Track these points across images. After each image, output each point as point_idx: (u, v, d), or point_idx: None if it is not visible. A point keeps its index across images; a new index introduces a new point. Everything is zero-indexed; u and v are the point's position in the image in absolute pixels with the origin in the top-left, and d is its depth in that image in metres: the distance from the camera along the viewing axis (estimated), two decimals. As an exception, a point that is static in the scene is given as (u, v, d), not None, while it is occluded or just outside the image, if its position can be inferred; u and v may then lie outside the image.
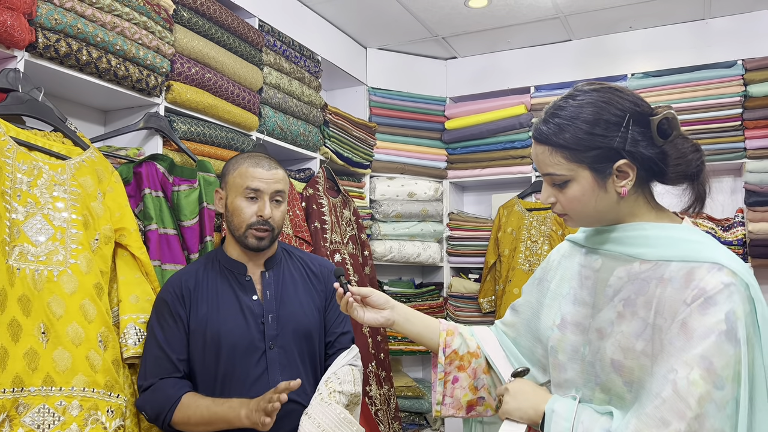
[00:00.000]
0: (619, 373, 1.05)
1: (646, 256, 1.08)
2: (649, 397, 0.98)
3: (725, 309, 0.96)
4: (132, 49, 1.88)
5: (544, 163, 1.11)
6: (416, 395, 3.31)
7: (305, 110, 2.80)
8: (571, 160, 1.08)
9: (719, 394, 0.93)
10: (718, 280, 0.98)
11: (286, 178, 1.72)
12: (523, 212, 3.29)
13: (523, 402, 1.13)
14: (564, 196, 1.11)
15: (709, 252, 1.02)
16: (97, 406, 1.42)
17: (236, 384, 1.58)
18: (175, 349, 1.59)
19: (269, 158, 1.73)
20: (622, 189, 1.08)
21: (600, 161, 1.07)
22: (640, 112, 1.07)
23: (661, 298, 1.02)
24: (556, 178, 1.10)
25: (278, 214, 1.68)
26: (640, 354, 1.02)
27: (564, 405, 1.08)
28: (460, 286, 3.50)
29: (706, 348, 0.95)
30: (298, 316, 1.68)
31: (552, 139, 1.09)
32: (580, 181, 1.08)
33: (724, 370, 0.94)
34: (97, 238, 1.59)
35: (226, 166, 1.74)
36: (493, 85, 3.56)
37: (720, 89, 2.96)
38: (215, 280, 1.67)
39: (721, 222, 2.97)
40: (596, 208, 1.10)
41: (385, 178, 3.45)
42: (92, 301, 1.49)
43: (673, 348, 0.97)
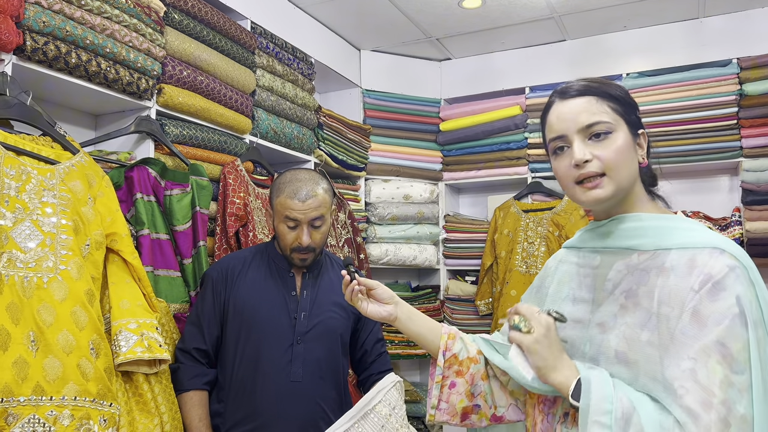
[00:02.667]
0: (624, 364, 1.03)
1: (644, 247, 1.08)
2: (668, 388, 0.96)
3: (735, 292, 0.95)
4: (122, 52, 1.85)
5: (589, 112, 1.09)
6: (414, 399, 3.28)
7: (299, 113, 2.77)
8: (616, 112, 1.10)
9: (739, 379, 0.92)
10: (722, 263, 0.97)
11: (325, 201, 1.78)
12: (520, 214, 3.28)
13: (549, 355, 1.04)
14: (605, 149, 1.07)
15: (707, 237, 1.02)
16: (89, 415, 1.39)
17: (259, 370, 1.72)
18: (210, 324, 1.78)
19: (309, 180, 1.78)
20: (643, 158, 1.12)
21: (633, 121, 1.12)
22: None
23: (664, 286, 1.01)
24: (600, 127, 1.08)
25: (318, 237, 1.78)
26: (646, 344, 1.01)
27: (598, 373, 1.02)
28: (456, 288, 3.47)
29: (720, 334, 0.94)
30: (329, 318, 1.81)
31: (597, 89, 1.11)
32: (621, 133, 1.09)
33: (741, 354, 0.93)
34: (88, 243, 1.56)
35: (272, 188, 1.83)
36: (487, 86, 3.55)
37: (715, 88, 2.95)
38: (261, 269, 1.83)
39: (718, 221, 2.96)
40: (630, 168, 1.09)
41: (380, 180, 3.43)
42: (83, 308, 1.45)
43: (686, 337, 0.96)
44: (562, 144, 1.11)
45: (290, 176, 1.79)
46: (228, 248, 2.16)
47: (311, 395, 1.74)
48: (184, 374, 1.74)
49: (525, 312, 1.09)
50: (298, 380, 1.73)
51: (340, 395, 1.81)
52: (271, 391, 1.71)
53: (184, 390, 1.73)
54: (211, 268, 1.87)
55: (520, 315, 1.09)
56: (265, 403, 1.71)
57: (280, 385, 1.71)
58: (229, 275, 1.82)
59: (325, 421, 1.68)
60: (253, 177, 2.41)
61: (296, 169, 1.84)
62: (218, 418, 1.76)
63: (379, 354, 1.91)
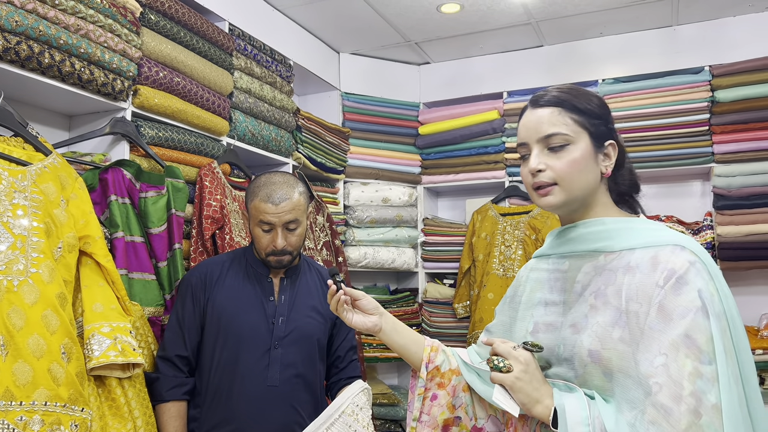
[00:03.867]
0: (598, 363, 1.05)
1: (610, 248, 1.12)
2: (642, 385, 0.98)
3: (697, 286, 0.99)
4: (97, 53, 1.83)
5: (549, 123, 1.13)
6: (391, 402, 3.28)
7: (277, 115, 2.77)
8: (578, 123, 1.13)
9: (708, 369, 0.95)
10: (683, 259, 1.02)
11: (299, 204, 1.78)
12: (497, 217, 3.30)
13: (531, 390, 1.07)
14: (560, 161, 1.12)
15: (668, 236, 1.07)
16: (60, 420, 1.37)
17: (236, 375, 1.72)
18: (191, 331, 1.78)
19: (284, 183, 1.78)
20: (607, 169, 1.15)
21: (599, 132, 1.14)
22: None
23: (631, 284, 1.05)
24: (557, 139, 1.12)
25: (294, 239, 1.78)
26: (618, 341, 1.03)
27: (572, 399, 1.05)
28: (435, 291, 3.48)
29: (686, 327, 0.97)
30: (306, 323, 1.82)
31: (563, 100, 1.15)
32: (581, 145, 1.13)
33: (707, 345, 0.96)
34: (60, 246, 1.53)
35: (247, 192, 1.83)
36: (466, 90, 3.57)
37: (688, 95, 3.00)
38: (239, 274, 1.83)
39: (691, 225, 3.01)
40: (586, 179, 1.13)
41: (359, 183, 3.43)
42: (55, 312, 1.43)
43: (654, 332, 0.99)
44: (525, 151, 1.16)
45: (264, 179, 1.79)
46: (204, 251, 2.15)
47: (287, 400, 1.74)
48: (163, 385, 1.73)
49: (502, 351, 1.12)
50: (274, 384, 1.73)
51: (316, 400, 1.81)
52: (248, 395, 1.70)
53: (162, 401, 1.72)
54: (189, 274, 1.86)
55: (498, 355, 1.12)
56: (241, 408, 1.71)
57: (256, 389, 1.71)
58: (207, 280, 1.81)
59: (301, 426, 1.68)
60: (230, 179, 2.40)
61: (271, 173, 1.84)
62: (194, 422, 1.75)
63: (350, 361, 1.92)
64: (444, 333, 3.41)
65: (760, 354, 2.65)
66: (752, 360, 1.05)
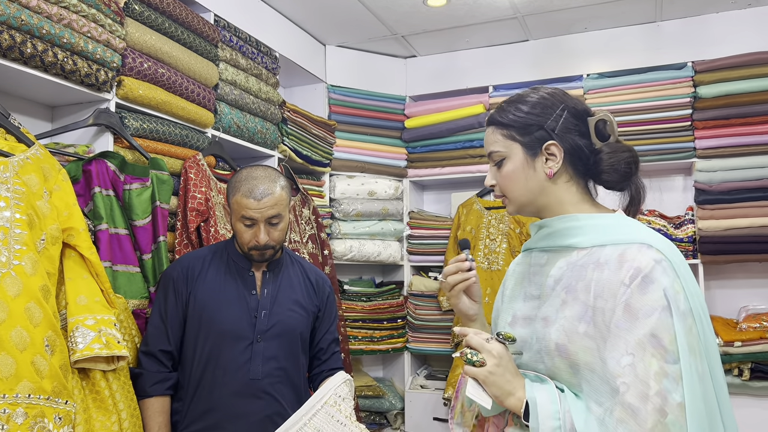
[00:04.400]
0: (564, 356, 1.08)
1: (582, 244, 1.14)
2: (609, 383, 1.00)
3: (662, 285, 1.01)
4: (80, 43, 1.81)
5: (488, 142, 1.23)
6: (377, 394, 3.30)
7: (263, 107, 2.76)
8: (507, 137, 1.19)
9: (673, 368, 0.97)
10: (649, 257, 1.04)
11: (282, 199, 1.76)
12: (482, 211, 3.32)
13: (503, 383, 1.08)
14: (499, 176, 1.21)
15: (637, 234, 1.09)
16: (43, 413, 1.36)
17: (219, 368, 1.72)
18: (173, 325, 1.77)
19: (266, 178, 1.75)
20: (549, 170, 1.17)
21: (531, 139, 1.18)
22: (578, 108, 1.19)
23: (599, 280, 1.07)
24: (495, 156, 1.21)
25: (276, 234, 1.77)
26: (583, 336, 1.06)
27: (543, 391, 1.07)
28: (420, 284, 3.50)
29: (652, 326, 0.99)
30: (289, 316, 1.81)
31: (495, 119, 1.22)
32: (513, 158, 1.19)
33: (672, 344, 0.98)
34: (44, 238, 1.52)
35: (228, 187, 1.82)
36: (452, 84, 3.58)
37: (671, 90, 3.04)
38: (221, 269, 1.82)
39: (673, 219, 3.05)
40: (527, 187, 1.19)
41: (345, 176, 3.43)
42: (38, 304, 1.42)
43: (620, 330, 1.01)
44: None
45: (246, 174, 1.77)
46: (189, 244, 2.14)
47: (270, 393, 1.74)
48: (147, 380, 1.72)
49: (475, 344, 1.12)
50: (257, 378, 1.74)
51: (298, 392, 1.82)
52: (230, 388, 1.70)
53: (146, 396, 1.71)
54: (170, 268, 1.84)
55: (471, 348, 1.12)
56: (223, 400, 1.71)
57: (239, 382, 1.71)
58: (189, 274, 1.80)
59: (284, 417, 1.68)
60: (215, 172, 2.39)
61: (252, 166, 1.81)
62: (177, 415, 1.75)
63: (333, 353, 1.92)
64: (429, 325, 3.43)
65: (739, 346, 2.70)
66: (718, 356, 1.07)
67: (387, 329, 3.40)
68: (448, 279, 1.24)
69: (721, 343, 2.72)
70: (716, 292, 3.05)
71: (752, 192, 2.84)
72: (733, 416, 1.06)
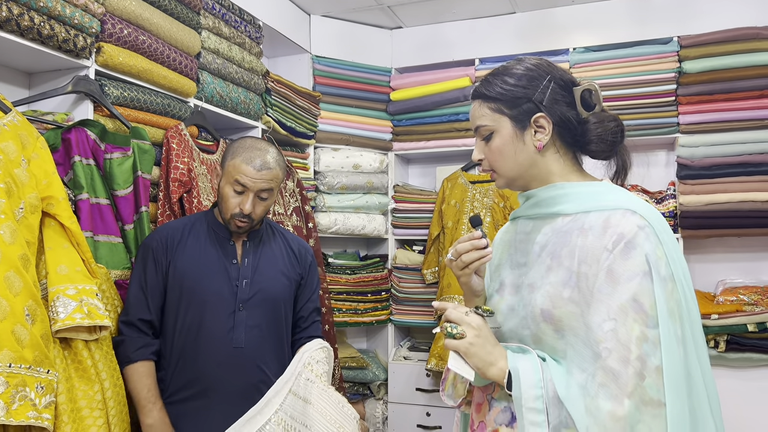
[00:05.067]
0: (549, 322, 1.09)
1: (567, 211, 1.15)
2: (592, 348, 1.02)
3: (644, 251, 1.03)
4: (57, 7, 1.76)
5: (474, 117, 1.22)
6: (360, 366, 3.33)
7: (246, 77, 2.71)
8: (495, 111, 1.18)
9: (652, 333, 0.99)
10: (633, 223, 1.05)
11: (277, 177, 1.77)
12: (467, 185, 3.32)
13: (484, 354, 1.10)
14: (488, 150, 1.20)
15: (621, 200, 1.10)
16: (25, 382, 1.35)
17: (201, 337, 1.73)
18: (153, 294, 1.76)
19: (267, 152, 1.76)
20: (538, 143, 1.17)
21: (519, 112, 1.17)
22: (564, 79, 1.19)
23: (583, 246, 1.08)
24: (483, 131, 1.20)
25: (260, 209, 1.77)
26: (568, 301, 1.07)
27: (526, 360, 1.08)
28: (404, 257, 3.51)
29: (633, 291, 1.01)
30: (270, 285, 1.82)
31: (482, 92, 1.20)
32: (502, 131, 1.18)
33: (652, 309, 1.00)
34: (22, 207, 1.50)
35: (228, 149, 1.80)
36: (438, 56, 3.55)
37: (656, 65, 3.04)
38: (201, 238, 1.82)
39: (655, 194, 3.08)
40: (516, 161, 1.18)
41: (329, 149, 3.41)
42: (18, 273, 1.40)
43: (602, 295, 1.03)
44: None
45: (250, 143, 1.77)
46: (171, 215, 2.12)
47: (254, 361, 1.76)
48: (129, 346, 1.71)
49: (454, 318, 1.14)
50: (240, 346, 1.75)
51: (282, 360, 1.83)
52: (214, 357, 1.71)
53: (130, 362, 1.70)
54: (149, 238, 1.83)
55: (451, 321, 1.14)
56: (207, 369, 1.71)
57: (222, 351, 1.72)
58: (168, 244, 1.79)
59: (267, 385, 1.70)
60: (198, 142, 2.36)
61: (257, 138, 1.83)
62: (160, 384, 1.75)
63: (312, 322, 1.93)
64: (412, 298, 3.46)
65: (716, 319, 2.76)
66: (700, 322, 1.09)
67: (371, 302, 3.42)
68: (463, 257, 1.19)
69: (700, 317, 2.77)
70: (695, 266, 3.10)
71: (733, 167, 2.87)
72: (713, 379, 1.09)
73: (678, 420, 0.98)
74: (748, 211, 2.81)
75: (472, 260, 1.18)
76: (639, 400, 0.97)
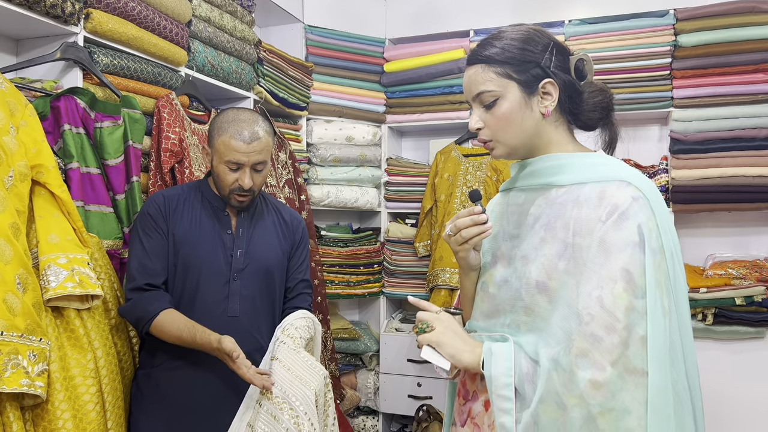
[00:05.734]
0: (544, 293, 1.10)
1: (562, 182, 1.15)
2: (577, 316, 1.03)
3: (637, 221, 1.03)
4: (44, -29, 1.72)
5: (476, 82, 1.15)
6: (352, 337, 3.35)
7: (238, 46, 2.68)
8: (502, 75, 1.13)
9: (640, 303, 1.00)
10: (627, 194, 1.05)
11: (268, 146, 1.75)
12: (460, 158, 3.31)
13: (456, 341, 1.13)
14: (493, 117, 1.15)
15: (618, 172, 1.10)
16: (17, 350, 1.36)
17: (196, 306, 1.73)
18: (160, 258, 1.74)
19: (253, 122, 1.72)
20: (546, 110, 1.14)
21: (528, 77, 1.13)
22: (562, 47, 1.17)
23: (578, 218, 1.08)
24: (486, 96, 1.14)
25: (259, 180, 1.76)
26: (563, 273, 1.07)
27: (501, 346, 1.11)
28: (397, 231, 3.52)
29: (624, 261, 1.01)
30: (264, 255, 1.83)
31: (485, 56, 1.15)
32: (509, 97, 1.13)
33: (641, 279, 1.01)
34: (11, 175, 1.48)
35: (212, 126, 1.76)
36: (432, 27, 3.51)
37: (651, 38, 3.01)
38: (196, 208, 1.81)
39: (647, 169, 3.08)
40: (522, 128, 1.15)
41: (322, 121, 3.38)
42: (8, 242, 1.40)
43: (594, 265, 1.03)
44: (471, 108, 1.20)
45: (233, 115, 1.73)
46: (163, 185, 2.11)
47: (248, 329, 1.77)
48: (145, 302, 1.67)
49: (425, 317, 1.18)
50: (234, 315, 1.75)
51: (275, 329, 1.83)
52: (208, 326, 1.71)
53: (153, 315, 1.65)
54: (146, 205, 1.80)
55: (422, 321, 1.18)
56: None
57: (217, 320, 1.72)
58: (166, 211, 1.77)
59: (262, 354, 1.71)
60: (189, 112, 2.33)
61: (238, 109, 1.78)
62: (156, 351, 1.75)
63: (299, 293, 1.93)
64: (405, 271, 3.47)
65: (705, 292, 2.79)
66: (686, 295, 1.10)
67: (363, 274, 3.43)
68: (462, 233, 1.17)
69: (688, 290, 2.80)
70: (685, 240, 3.12)
71: (726, 142, 2.87)
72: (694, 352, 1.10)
73: (660, 389, 0.99)
74: (740, 186, 2.82)
75: (472, 236, 1.17)
76: (623, 368, 0.98)
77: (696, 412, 1.08)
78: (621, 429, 0.98)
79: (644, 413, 0.98)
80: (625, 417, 0.98)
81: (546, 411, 1.02)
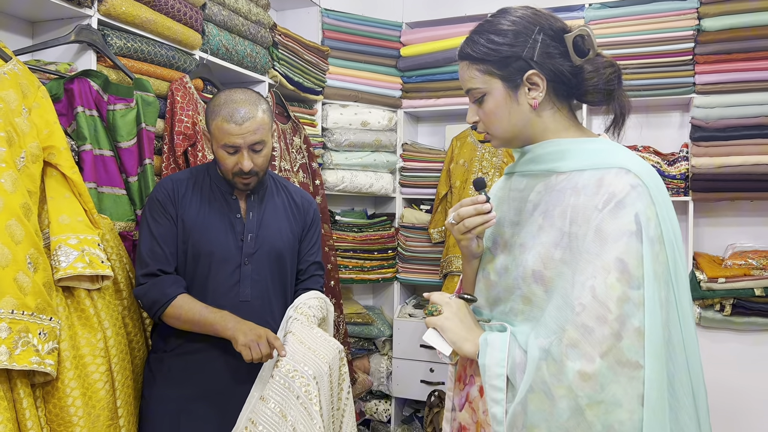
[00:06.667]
0: (540, 283, 1.08)
1: (561, 168, 1.12)
2: (570, 306, 1.00)
3: (634, 210, 1.00)
4: (57, -47, 1.73)
5: (464, 79, 1.17)
6: (366, 321, 3.36)
7: (252, 30, 2.67)
8: (484, 72, 1.13)
9: (635, 294, 0.97)
10: (625, 182, 1.02)
11: (264, 123, 1.71)
12: (476, 144, 3.28)
13: (460, 329, 1.14)
14: (482, 112, 1.16)
15: (617, 158, 1.07)
16: (27, 328, 1.38)
17: (208, 291, 1.73)
18: (169, 244, 1.73)
19: (246, 101, 1.69)
20: (533, 101, 1.12)
21: (510, 72, 1.11)
22: (554, 28, 1.12)
23: (575, 206, 1.06)
24: (474, 93, 1.15)
25: (260, 160, 1.73)
26: (559, 262, 1.05)
27: (496, 336, 1.11)
28: (411, 216, 3.51)
29: (619, 250, 0.99)
30: (275, 238, 1.82)
31: (467, 53, 1.14)
32: (494, 93, 1.13)
33: (638, 270, 0.98)
34: (23, 156, 1.50)
35: (207, 111, 1.75)
36: (450, 11, 3.46)
37: (674, 22, 2.94)
38: (204, 192, 1.80)
39: (667, 156, 3.03)
40: (511, 122, 1.14)
41: (337, 105, 3.37)
42: (19, 222, 1.42)
43: (589, 255, 1.01)
44: None
45: (225, 97, 1.70)
46: (176, 168, 2.12)
47: (260, 313, 1.77)
48: (161, 286, 1.68)
49: (437, 300, 1.19)
50: (246, 299, 1.76)
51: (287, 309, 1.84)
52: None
53: (170, 299, 1.66)
54: (155, 191, 1.79)
55: (433, 303, 1.19)
56: None
57: (229, 304, 1.72)
58: (174, 196, 1.77)
59: None
60: (203, 95, 2.34)
61: (232, 89, 1.75)
62: (169, 336, 1.76)
63: (311, 275, 1.93)
64: (419, 257, 3.46)
65: (723, 282, 2.74)
66: (687, 285, 1.07)
67: (377, 260, 3.43)
68: (465, 222, 1.15)
69: (706, 279, 2.76)
70: (705, 229, 3.06)
71: (748, 129, 2.80)
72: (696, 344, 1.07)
73: (655, 383, 0.96)
74: (762, 175, 2.75)
75: (475, 225, 1.14)
76: (614, 360, 0.96)
77: (698, 405, 1.05)
78: (611, 422, 0.95)
79: (638, 407, 0.95)
80: (616, 410, 0.95)
81: (534, 400, 1.00)
